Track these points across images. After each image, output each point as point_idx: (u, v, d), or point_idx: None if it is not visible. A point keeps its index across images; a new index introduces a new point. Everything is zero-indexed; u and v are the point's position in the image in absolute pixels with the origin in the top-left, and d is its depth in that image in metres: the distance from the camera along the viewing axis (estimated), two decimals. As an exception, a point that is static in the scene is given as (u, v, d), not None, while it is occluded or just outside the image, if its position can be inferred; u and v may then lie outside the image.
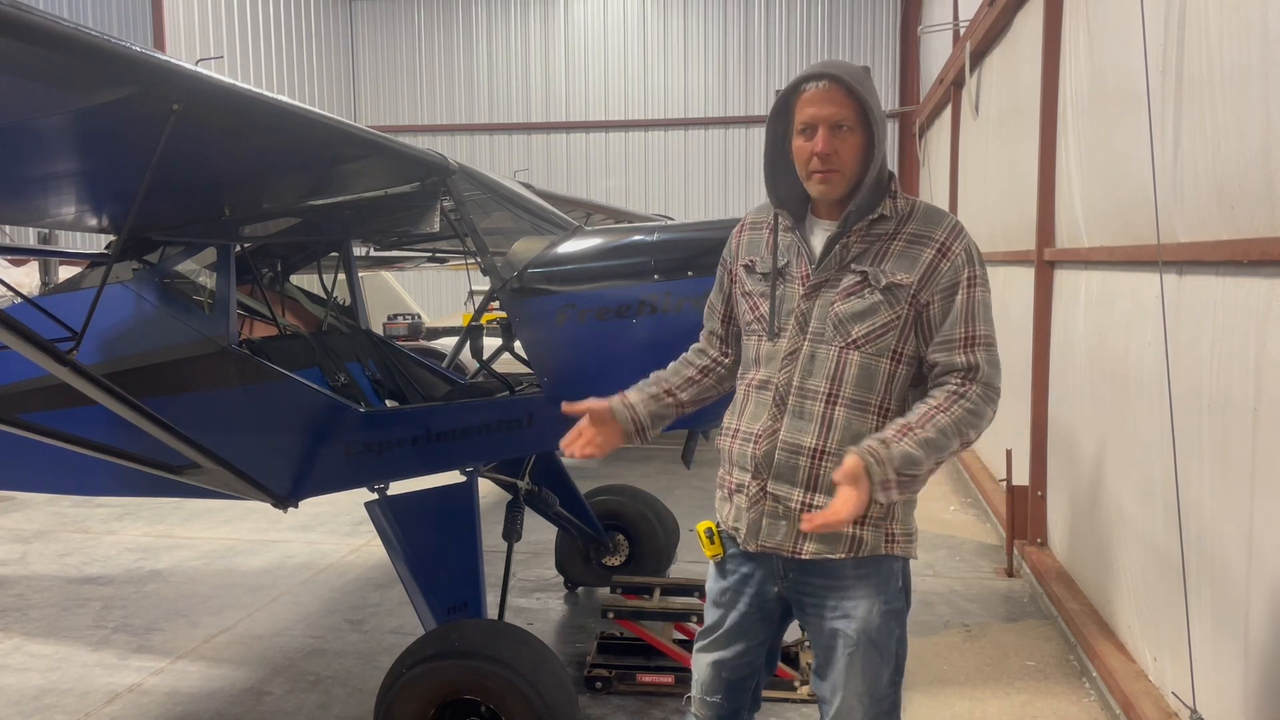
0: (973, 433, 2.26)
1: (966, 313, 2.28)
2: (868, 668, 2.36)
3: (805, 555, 2.35)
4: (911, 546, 2.41)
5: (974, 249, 2.33)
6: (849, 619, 2.36)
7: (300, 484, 3.83)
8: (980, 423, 2.27)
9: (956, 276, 2.28)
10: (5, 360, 3.35)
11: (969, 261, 2.30)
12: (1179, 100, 3.55)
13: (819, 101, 2.26)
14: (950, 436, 2.22)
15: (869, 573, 2.35)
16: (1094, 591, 4.78)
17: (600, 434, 2.57)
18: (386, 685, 3.43)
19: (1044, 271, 5.80)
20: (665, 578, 5.35)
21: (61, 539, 6.93)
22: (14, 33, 2.02)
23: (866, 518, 2.32)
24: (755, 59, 18.05)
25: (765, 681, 2.70)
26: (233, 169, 3.49)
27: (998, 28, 7.47)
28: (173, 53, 10.73)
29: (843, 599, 2.37)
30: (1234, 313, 3.15)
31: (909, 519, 2.40)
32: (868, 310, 2.30)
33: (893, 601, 2.38)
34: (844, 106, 2.25)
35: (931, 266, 2.28)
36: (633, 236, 3.87)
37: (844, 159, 2.27)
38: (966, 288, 2.28)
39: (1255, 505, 3.02)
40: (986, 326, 2.30)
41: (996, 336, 2.33)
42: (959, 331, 2.28)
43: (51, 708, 4.23)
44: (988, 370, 2.28)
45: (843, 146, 2.27)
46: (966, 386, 2.26)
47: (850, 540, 2.32)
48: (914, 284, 2.28)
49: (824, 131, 2.26)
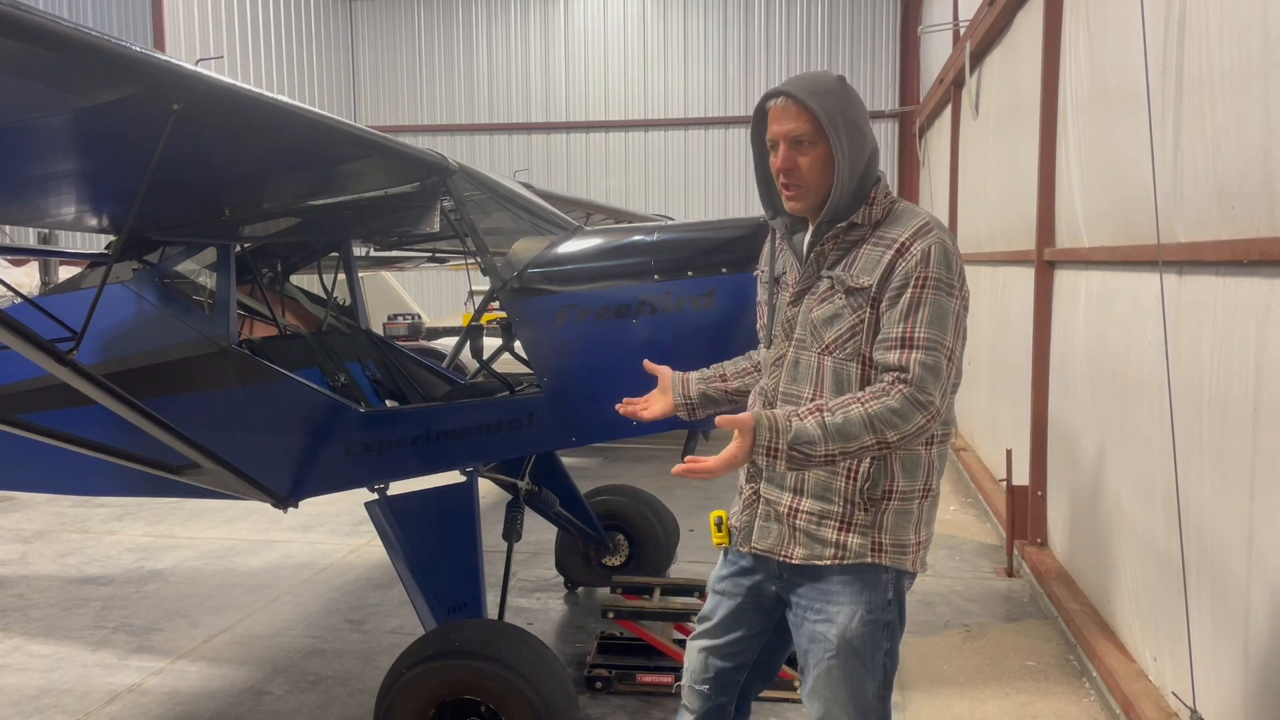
0: (890, 433, 2.15)
1: (908, 311, 2.21)
2: (849, 676, 2.34)
3: (795, 560, 2.36)
4: (906, 559, 2.35)
5: (936, 250, 2.23)
6: (830, 624, 2.35)
7: (300, 484, 3.83)
8: (902, 424, 2.15)
9: (908, 276, 2.22)
10: (5, 360, 3.36)
11: (924, 262, 2.22)
12: (1179, 100, 3.55)
13: (778, 118, 2.30)
14: (862, 429, 2.14)
15: (853, 579, 2.33)
16: (1094, 591, 4.78)
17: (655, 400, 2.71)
18: (386, 685, 3.43)
19: (1044, 271, 5.80)
20: (665, 578, 5.35)
21: (61, 539, 6.93)
22: (14, 33, 2.02)
23: (852, 524, 2.31)
24: (755, 59, 18.04)
25: (759, 690, 2.69)
26: (233, 169, 3.49)
27: (998, 28, 7.47)
28: (173, 53, 10.73)
29: (826, 604, 2.36)
30: (1234, 313, 3.15)
31: (903, 529, 2.34)
32: (835, 315, 2.31)
33: (878, 612, 2.34)
34: (800, 121, 2.27)
35: (889, 267, 2.25)
36: (633, 236, 3.86)
37: (804, 173, 2.30)
38: (915, 287, 2.21)
39: (1255, 505, 3.01)
40: (931, 329, 2.20)
41: (951, 346, 2.22)
42: (897, 330, 2.22)
43: (51, 708, 4.23)
44: (920, 374, 2.17)
45: (803, 161, 2.29)
46: (893, 386, 2.18)
47: (836, 546, 2.32)
48: (873, 285, 2.26)
49: (784, 148, 2.30)
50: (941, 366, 2.20)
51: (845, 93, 2.31)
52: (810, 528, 2.34)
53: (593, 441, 3.91)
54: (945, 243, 2.26)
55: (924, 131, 13.68)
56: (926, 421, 2.17)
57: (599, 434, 3.83)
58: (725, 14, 18.14)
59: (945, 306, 2.22)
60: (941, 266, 2.23)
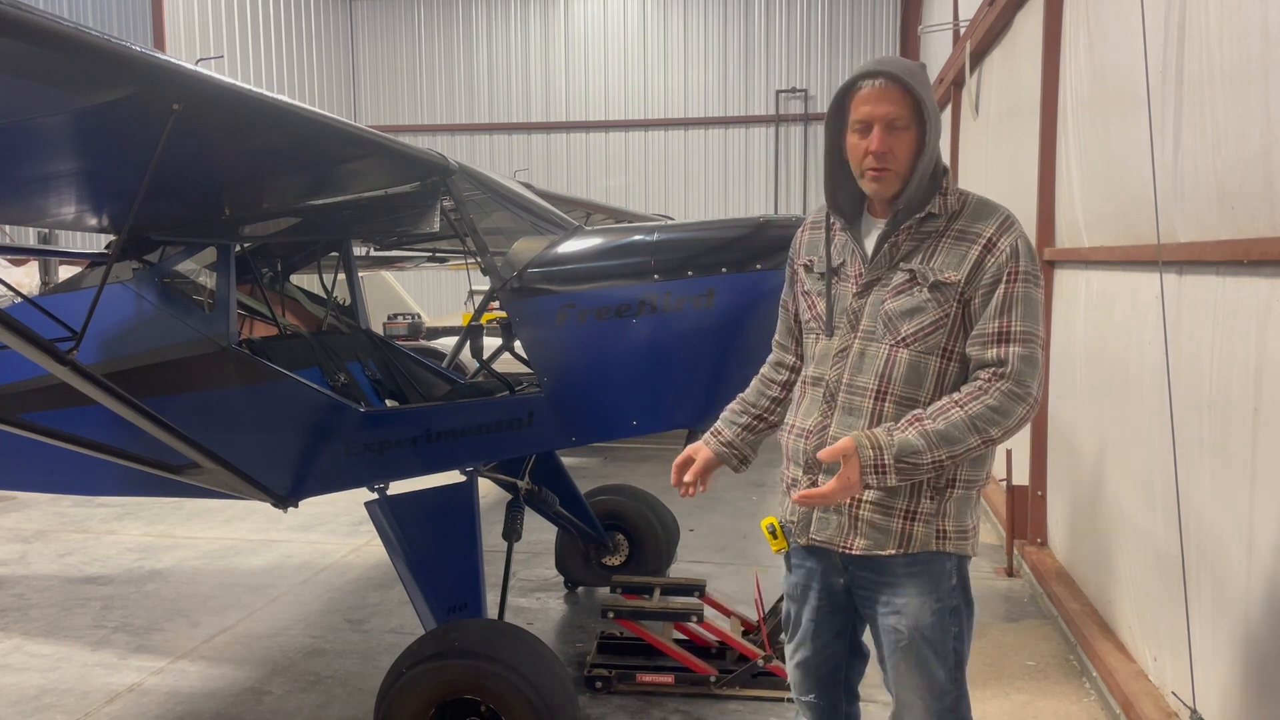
0: (994, 430, 2.20)
1: (1003, 307, 2.25)
2: (921, 664, 2.37)
3: (855, 551, 2.37)
4: (967, 544, 2.39)
5: (1022, 244, 2.29)
6: (900, 615, 2.37)
7: (300, 484, 3.83)
8: (1005, 420, 2.20)
9: (999, 272, 2.26)
10: (5, 360, 3.36)
11: (1014, 256, 2.26)
12: (1179, 100, 3.55)
13: (874, 100, 2.25)
14: (965, 431, 2.19)
15: (920, 570, 2.35)
16: (1094, 591, 4.78)
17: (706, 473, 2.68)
18: (386, 685, 3.43)
19: (1044, 271, 5.79)
20: (665, 578, 5.35)
21: (61, 539, 6.93)
22: (14, 33, 2.01)
23: (917, 513, 2.32)
24: (755, 59, 18.02)
25: (862, 670, 2.70)
26: (233, 169, 3.50)
27: (998, 28, 7.47)
28: (173, 53, 10.72)
29: (894, 595, 2.38)
30: (1234, 313, 3.15)
31: (964, 515, 2.38)
32: (916, 308, 2.31)
33: (945, 599, 2.37)
34: (899, 105, 2.24)
35: (977, 263, 2.27)
36: (633, 236, 3.86)
37: (898, 157, 2.27)
38: (1008, 282, 2.25)
39: (1255, 505, 3.01)
40: (1026, 323, 2.25)
41: (1042, 337, 2.29)
42: (993, 325, 2.25)
43: (51, 707, 4.23)
44: (1019, 367, 2.22)
45: (897, 145, 2.26)
46: (992, 383, 2.22)
47: (900, 536, 2.33)
48: (961, 281, 2.28)
49: (879, 130, 2.26)
50: (1037, 357, 2.25)
51: (928, 81, 2.31)
52: (874, 518, 2.34)
53: (593, 441, 3.91)
54: (1025, 236, 2.32)
55: (924, 131, 13.64)
56: (1026, 412, 2.22)
57: (599, 434, 3.83)
58: (725, 14, 18.13)
59: (1035, 299, 2.28)
60: (1029, 260, 2.29)
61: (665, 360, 3.51)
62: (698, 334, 3.46)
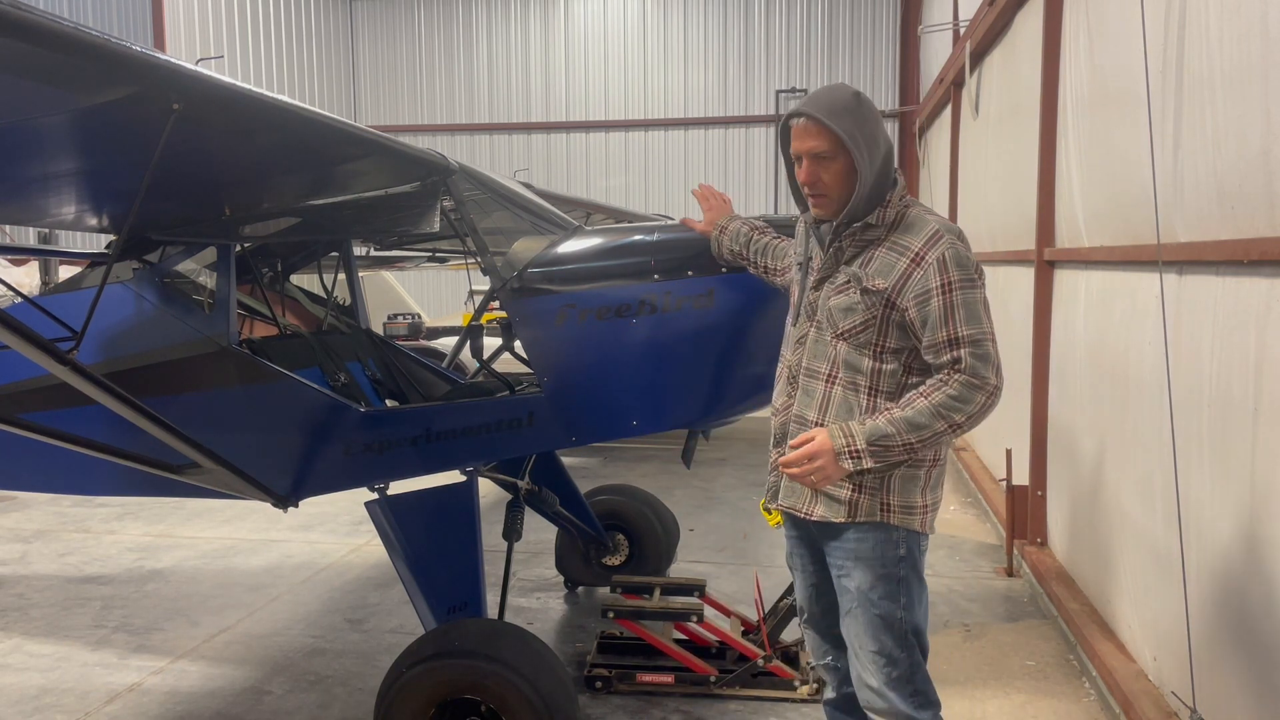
0: (958, 415, 2.43)
1: (945, 317, 2.45)
2: (870, 627, 2.61)
3: (814, 517, 2.64)
4: (914, 519, 2.58)
5: (950, 254, 2.47)
6: (849, 578, 2.63)
7: (300, 484, 3.83)
8: (965, 407, 2.43)
9: (928, 284, 2.46)
10: (5, 360, 3.35)
11: (941, 269, 2.45)
12: (1179, 100, 3.55)
13: (800, 136, 2.55)
14: (931, 417, 2.43)
15: (865, 537, 2.60)
16: (1094, 591, 4.78)
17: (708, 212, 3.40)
18: (386, 685, 3.43)
19: (1044, 271, 5.80)
20: (665, 578, 5.35)
21: (61, 539, 6.93)
22: (14, 33, 2.01)
23: (863, 485, 2.57)
24: (755, 59, 18.03)
25: None
26: (233, 169, 3.49)
27: (998, 28, 7.47)
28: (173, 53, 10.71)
29: (845, 559, 2.64)
30: (1234, 313, 3.15)
31: (910, 492, 2.59)
32: (850, 307, 2.57)
33: (891, 569, 2.58)
34: (821, 139, 2.50)
35: (905, 275, 2.49)
36: (633, 236, 3.87)
37: (827, 183, 2.55)
38: (941, 294, 2.45)
39: (1255, 505, 3.02)
40: (969, 326, 2.45)
41: (990, 330, 2.48)
42: (941, 335, 2.46)
43: (51, 707, 4.23)
44: (972, 364, 2.44)
45: (825, 173, 2.54)
46: (951, 375, 2.45)
47: (850, 505, 2.59)
48: (889, 289, 2.51)
49: (807, 162, 2.55)
50: (989, 351, 2.46)
51: (860, 107, 2.52)
52: (831, 488, 2.58)
53: (593, 441, 3.91)
54: (955, 245, 2.50)
55: (924, 131, 13.68)
56: (987, 399, 2.45)
57: (599, 434, 3.83)
58: (725, 14, 18.14)
59: (973, 299, 2.47)
60: (957, 268, 2.47)
61: (665, 360, 3.51)
62: (698, 334, 3.46)
